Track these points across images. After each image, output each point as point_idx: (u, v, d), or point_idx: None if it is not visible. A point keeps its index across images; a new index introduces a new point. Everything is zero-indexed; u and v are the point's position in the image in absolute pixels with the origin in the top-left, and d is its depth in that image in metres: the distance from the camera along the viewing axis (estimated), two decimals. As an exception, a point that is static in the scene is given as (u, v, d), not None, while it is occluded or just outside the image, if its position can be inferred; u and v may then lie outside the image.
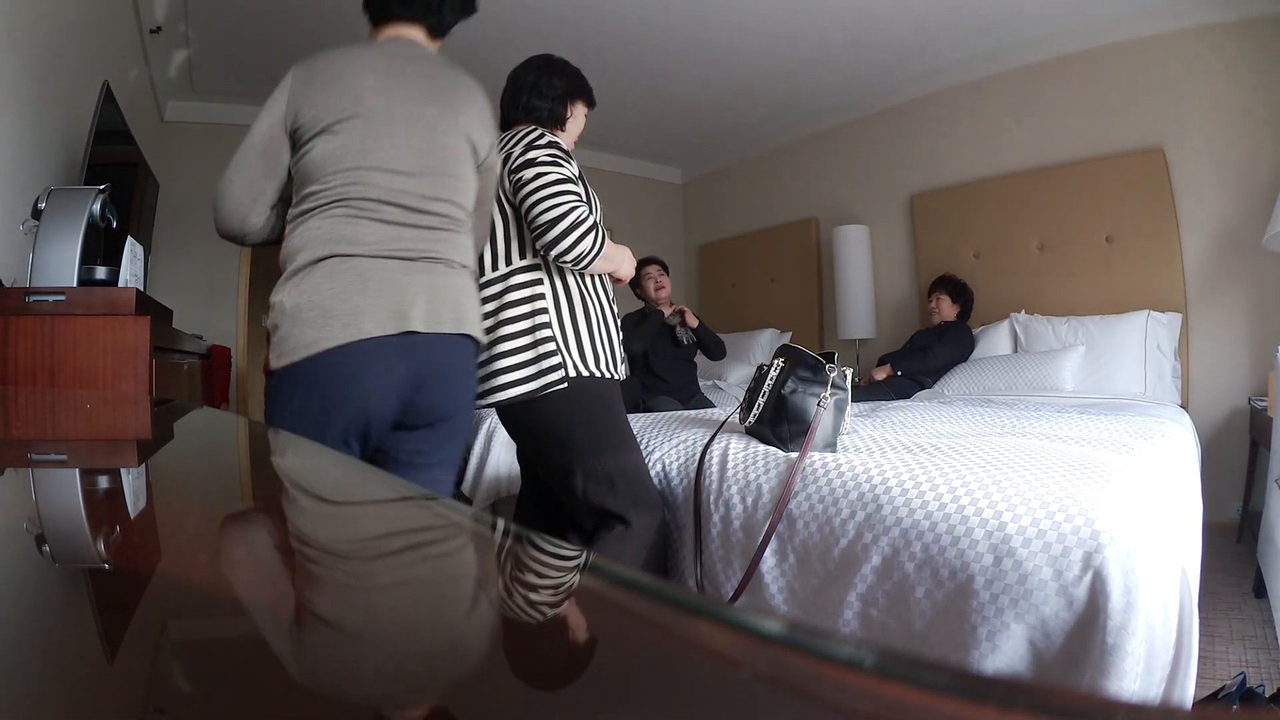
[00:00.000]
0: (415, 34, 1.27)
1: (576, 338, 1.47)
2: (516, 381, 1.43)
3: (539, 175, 1.40)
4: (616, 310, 1.61)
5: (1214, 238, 2.84)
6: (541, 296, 1.46)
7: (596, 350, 1.50)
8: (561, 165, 1.43)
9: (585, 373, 1.47)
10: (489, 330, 1.43)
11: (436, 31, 1.29)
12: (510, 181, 1.44)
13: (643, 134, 4.75)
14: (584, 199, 1.44)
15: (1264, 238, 2.42)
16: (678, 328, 3.21)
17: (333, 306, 1.08)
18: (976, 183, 3.58)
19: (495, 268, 1.48)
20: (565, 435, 1.48)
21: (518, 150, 1.44)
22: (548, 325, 1.44)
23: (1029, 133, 3.40)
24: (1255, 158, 2.73)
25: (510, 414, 1.52)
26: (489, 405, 1.46)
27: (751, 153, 4.88)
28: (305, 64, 1.17)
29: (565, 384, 1.44)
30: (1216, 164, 2.83)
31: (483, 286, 1.44)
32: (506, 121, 1.57)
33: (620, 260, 1.52)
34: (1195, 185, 2.87)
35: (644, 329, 3.12)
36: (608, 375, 1.52)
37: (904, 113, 3.94)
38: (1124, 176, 3.03)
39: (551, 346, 1.43)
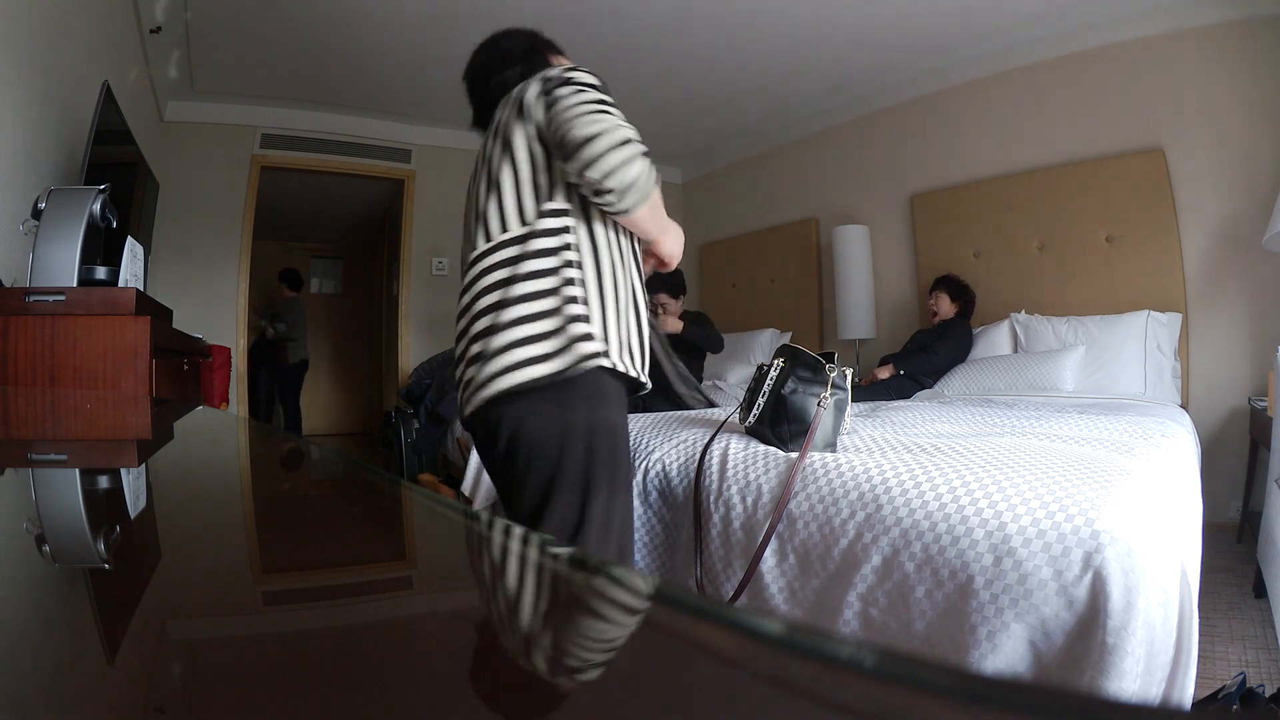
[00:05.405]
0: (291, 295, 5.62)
1: (603, 313, 1.12)
2: (536, 359, 1.06)
3: (579, 91, 1.10)
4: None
5: (1214, 238, 2.84)
6: (570, 248, 1.11)
7: (631, 340, 1.16)
8: (603, 91, 1.14)
9: (615, 364, 1.11)
10: (496, 305, 1.09)
11: (295, 288, 5.79)
12: (544, 107, 1.11)
13: (643, 134, 4.70)
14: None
15: (1264, 238, 2.42)
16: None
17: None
18: (976, 183, 3.58)
19: (505, 229, 1.13)
20: (561, 442, 1.09)
21: (554, 72, 1.14)
22: (578, 283, 1.10)
23: (1029, 133, 3.40)
24: (1255, 158, 2.73)
25: (502, 408, 1.10)
26: (494, 395, 1.08)
27: (751, 153, 4.88)
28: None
29: (598, 360, 1.08)
30: (1216, 164, 2.82)
31: (490, 252, 1.13)
32: (485, 119, 1.29)
33: (667, 226, 1.21)
34: (1195, 185, 2.87)
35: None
36: (641, 377, 1.19)
37: (904, 113, 3.94)
38: (1124, 176, 3.03)
39: (582, 310, 1.08)
